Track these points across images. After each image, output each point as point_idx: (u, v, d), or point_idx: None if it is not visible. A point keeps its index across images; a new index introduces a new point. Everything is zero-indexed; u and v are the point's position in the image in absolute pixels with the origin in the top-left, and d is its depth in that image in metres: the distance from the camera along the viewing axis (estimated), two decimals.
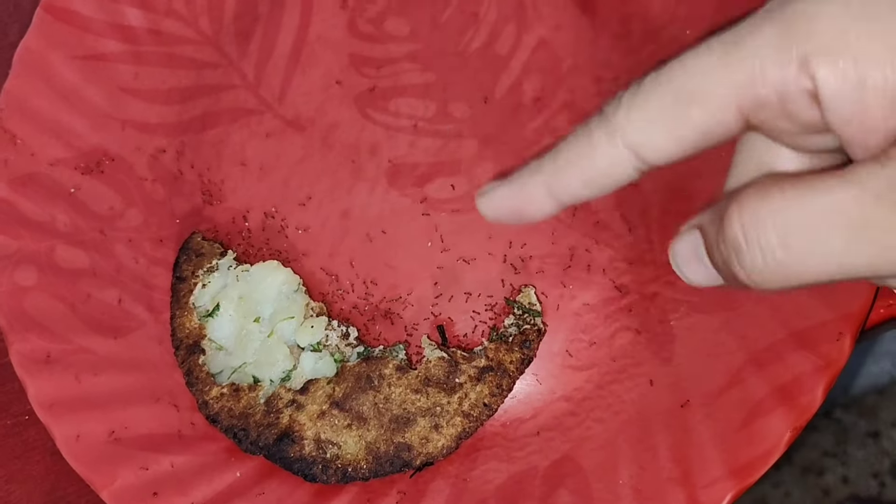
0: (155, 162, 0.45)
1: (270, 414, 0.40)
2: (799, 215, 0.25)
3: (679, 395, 0.39)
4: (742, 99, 0.26)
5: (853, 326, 0.37)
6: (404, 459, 0.39)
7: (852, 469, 1.08)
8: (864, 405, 1.08)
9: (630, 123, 0.27)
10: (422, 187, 0.43)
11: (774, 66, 0.25)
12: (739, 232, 0.26)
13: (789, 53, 0.25)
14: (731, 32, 0.26)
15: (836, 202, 0.25)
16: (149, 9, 0.46)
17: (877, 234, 0.24)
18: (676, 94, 0.27)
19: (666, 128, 0.27)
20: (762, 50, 0.25)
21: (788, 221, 0.25)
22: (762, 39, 0.25)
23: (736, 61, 0.26)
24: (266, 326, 0.41)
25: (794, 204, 0.25)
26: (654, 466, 0.37)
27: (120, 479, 0.39)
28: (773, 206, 0.26)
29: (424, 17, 0.45)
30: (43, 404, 0.40)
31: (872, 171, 0.25)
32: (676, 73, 0.27)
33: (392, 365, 0.40)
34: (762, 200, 0.26)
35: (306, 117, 0.45)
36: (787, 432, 0.36)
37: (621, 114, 0.28)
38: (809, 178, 0.26)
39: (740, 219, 0.26)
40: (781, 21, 0.25)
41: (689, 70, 0.26)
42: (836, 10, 0.25)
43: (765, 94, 0.26)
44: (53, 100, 0.45)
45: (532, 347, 0.40)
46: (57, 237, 0.43)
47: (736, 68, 0.26)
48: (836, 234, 0.25)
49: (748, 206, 0.26)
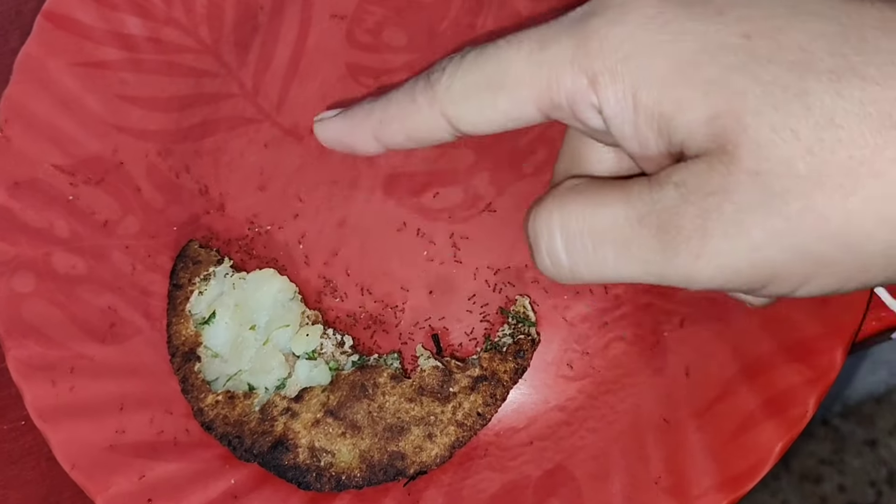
0: (153, 169, 0.45)
1: (265, 422, 0.40)
2: (581, 227, 0.28)
3: (672, 406, 0.39)
4: (540, 99, 0.29)
5: (844, 339, 0.37)
6: (398, 468, 0.39)
7: (849, 477, 1.08)
8: (862, 414, 1.09)
9: (448, 96, 0.30)
10: (418, 197, 0.44)
11: (567, 76, 0.28)
12: (532, 234, 0.30)
13: (581, 68, 0.27)
14: (540, 33, 0.29)
15: (611, 218, 0.28)
16: (148, 17, 0.47)
17: (638, 252, 0.27)
18: (489, 80, 0.29)
19: (477, 107, 0.30)
20: (559, 59, 0.28)
21: (571, 231, 0.28)
22: (561, 50, 0.28)
23: (537, 64, 0.28)
24: (262, 334, 0.42)
25: (579, 215, 0.28)
26: (646, 476, 0.37)
27: (115, 486, 0.39)
28: (563, 215, 0.29)
29: (422, 27, 0.46)
30: (39, 410, 0.40)
31: (641, 194, 0.27)
32: (491, 59, 0.29)
33: (386, 374, 0.40)
34: (556, 209, 0.29)
35: (304, 126, 0.45)
36: (779, 444, 0.36)
37: (442, 85, 0.30)
38: (599, 190, 0.28)
39: (534, 222, 0.30)
40: (579, 35, 0.27)
41: (501, 60, 0.29)
42: (623, 36, 0.27)
43: (558, 100, 0.28)
44: (53, 106, 0.45)
45: (526, 357, 0.40)
46: (55, 244, 0.43)
47: (536, 71, 0.28)
48: (609, 248, 0.28)
49: (543, 211, 0.29)
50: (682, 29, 0.26)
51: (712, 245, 0.25)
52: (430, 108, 0.31)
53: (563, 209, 0.29)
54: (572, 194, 0.29)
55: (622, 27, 0.27)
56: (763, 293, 0.27)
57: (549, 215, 0.29)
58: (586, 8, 0.28)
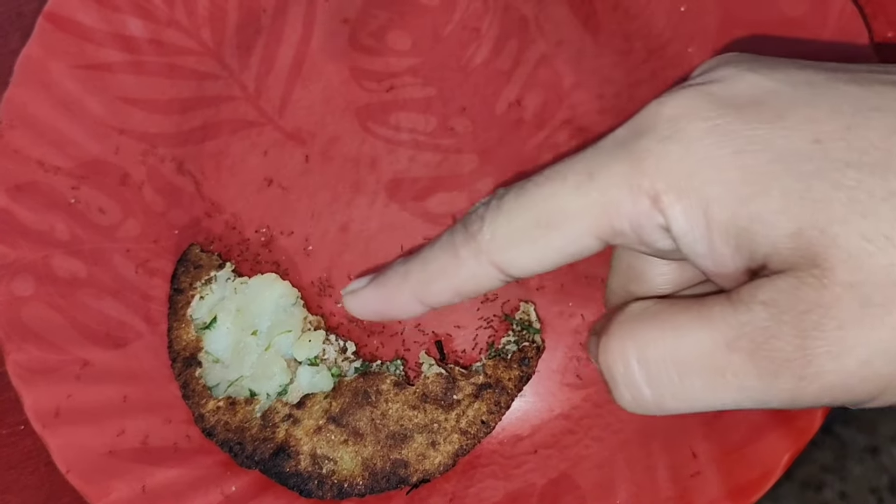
0: (154, 172, 0.45)
1: (267, 428, 0.40)
2: (662, 356, 0.26)
3: (678, 416, 0.38)
4: (598, 228, 0.27)
5: None
6: (401, 476, 0.39)
7: (851, 485, 1.08)
8: (864, 420, 1.08)
9: (494, 244, 0.28)
10: (422, 201, 0.43)
11: (627, 200, 0.26)
12: (605, 367, 0.28)
13: (640, 189, 0.26)
14: (582, 163, 0.27)
15: (695, 345, 0.25)
16: (150, 19, 0.46)
17: (733, 379, 0.25)
18: (536, 221, 0.28)
19: (528, 250, 0.28)
20: (614, 185, 0.26)
21: (651, 362, 0.26)
22: (613, 176, 0.26)
23: (589, 195, 0.27)
24: (263, 340, 0.41)
25: (658, 344, 0.26)
26: (652, 486, 0.37)
27: (115, 492, 0.39)
28: (639, 344, 0.27)
29: (426, 31, 0.45)
30: (39, 415, 0.40)
31: (724, 315, 0.25)
32: (535, 198, 0.28)
33: (389, 380, 0.40)
34: (629, 338, 0.27)
35: (307, 130, 0.45)
36: (786, 454, 0.36)
37: (485, 234, 0.29)
38: (674, 313, 0.26)
39: (606, 355, 0.27)
40: (631, 158, 0.26)
41: (546, 197, 0.27)
42: (681, 152, 0.25)
43: (619, 226, 0.27)
44: (54, 108, 0.45)
45: (531, 365, 0.40)
46: (55, 247, 0.43)
47: (590, 201, 0.27)
48: (696, 376, 0.25)
49: (613, 344, 0.27)
50: (744, 139, 0.25)
51: (817, 365, 0.24)
52: (476, 260, 0.29)
53: (638, 338, 0.27)
54: (644, 320, 0.27)
55: (678, 144, 0.25)
56: (873, 405, 0.25)
57: (622, 346, 0.27)
58: (630, 128, 0.27)
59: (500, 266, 0.29)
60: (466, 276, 0.29)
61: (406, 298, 0.31)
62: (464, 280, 0.30)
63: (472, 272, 0.29)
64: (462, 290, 0.30)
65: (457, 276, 0.30)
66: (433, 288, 0.30)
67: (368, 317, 0.33)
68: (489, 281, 0.29)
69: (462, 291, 0.30)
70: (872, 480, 1.12)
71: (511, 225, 0.28)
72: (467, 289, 0.30)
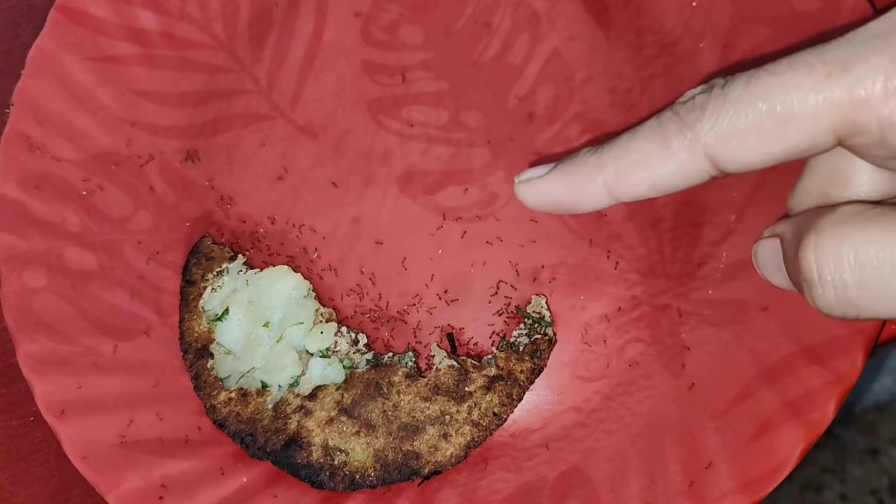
0: (166, 165, 0.45)
1: (278, 419, 0.40)
2: (880, 257, 0.25)
3: (690, 408, 0.38)
4: (841, 125, 0.26)
5: (865, 342, 0.37)
6: (412, 468, 0.39)
7: (851, 486, 1.08)
8: (864, 422, 1.08)
9: (715, 135, 0.27)
10: (433, 195, 0.43)
11: (880, 96, 0.25)
12: (814, 265, 0.26)
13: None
14: (833, 53, 0.26)
15: None
16: (162, 12, 0.46)
17: None
18: (771, 112, 0.26)
19: (755, 143, 0.27)
20: (868, 79, 0.25)
21: (867, 263, 0.25)
22: (871, 69, 0.25)
23: (840, 87, 0.25)
24: (275, 331, 0.41)
25: (879, 246, 0.25)
26: (664, 479, 0.37)
27: (126, 483, 0.39)
28: (853, 244, 0.26)
29: (438, 25, 0.45)
30: (50, 406, 0.40)
31: None
32: (772, 87, 0.26)
33: (401, 372, 0.40)
34: (842, 237, 0.26)
35: (319, 123, 0.45)
36: (799, 446, 0.36)
37: (706, 124, 0.27)
38: (893, 216, 0.25)
39: (816, 252, 0.26)
40: (893, 53, 0.25)
41: (787, 87, 0.26)
42: None
43: (865, 123, 0.26)
44: (65, 101, 0.45)
45: (543, 357, 0.40)
46: (66, 238, 0.43)
47: (840, 94, 0.25)
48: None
49: (825, 241, 0.26)
50: None
51: None
52: (690, 150, 0.28)
53: (855, 238, 0.26)
54: (862, 222, 0.26)
55: None
56: None
57: (837, 244, 0.26)
58: (890, 23, 0.26)
59: (718, 159, 0.27)
60: (673, 168, 0.28)
61: (596, 189, 0.30)
62: (669, 172, 0.28)
63: (681, 164, 0.28)
64: (663, 183, 0.29)
65: (662, 167, 0.28)
66: (631, 178, 0.29)
67: (546, 207, 0.32)
68: (698, 175, 0.28)
69: (662, 185, 0.29)
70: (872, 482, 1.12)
71: (739, 116, 0.27)
72: (670, 182, 0.29)
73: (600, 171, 0.30)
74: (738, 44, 0.42)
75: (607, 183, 0.30)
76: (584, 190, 0.30)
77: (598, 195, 0.30)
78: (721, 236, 0.41)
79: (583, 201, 0.31)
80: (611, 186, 0.30)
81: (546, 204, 0.32)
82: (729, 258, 0.40)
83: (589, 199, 0.31)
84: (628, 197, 0.30)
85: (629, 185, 0.29)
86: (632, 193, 0.30)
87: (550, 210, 0.32)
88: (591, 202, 0.31)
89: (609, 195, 0.30)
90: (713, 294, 0.40)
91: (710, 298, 0.40)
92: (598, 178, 0.30)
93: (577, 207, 0.31)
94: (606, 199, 0.30)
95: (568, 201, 0.31)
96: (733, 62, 0.42)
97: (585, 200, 0.31)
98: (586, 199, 0.31)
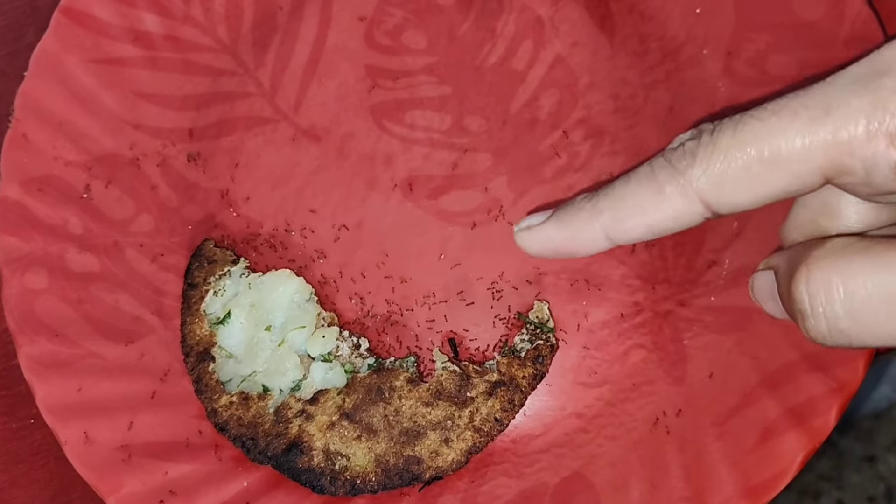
0: (168, 168, 0.45)
1: (280, 424, 0.40)
2: (870, 291, 0.26)
3: (692, 415, 0.38)
4: (828, 166, 0.27)
5: (867, 350, 0.37)
6: (414, 473, 0.39)
7: (848, 493, 1.08)
8: (861, 429, 1.08)
9: (707, 181, 0.28)
10: (436, 200, 0.43)
11: (864, 138, 0.26)
12: (806, 297, 0.27)
13: (879, 129, 0.26)
14: (814, 98, 0.27)
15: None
16: (166, 15, 0.46)
17: None
18: (759, 157, 0.27)
19: (745, 187, 0.28)
20: (851, 122, 0.26)
21: (856, 294, 0.26)
22: (853, 112, 0.26)
23: (823, 130, 0.26)
24: (277, 335, 0.41)
25: (867, 279, 0.26)
26: (666, 485, 0.37)
27: (126, 486, 0.39)
28: (846, 277, 0.26)
29: (442, 30, 0.46)
30: (50, 408, 0.40)
31: None
32: (759, 133, 0.27)
33: (403, 377, 0.40)
34: (831, 270, 0.27)
35: (322, 127, 0.45)
36: (801, 453, 0.36)
37: (697, 170, 0.28)
38: (879, 249, 0.26)
39: (807, 285, 0.27)
40: (873, 96, 0.26)
41: (773, 132, 0.27)
42: None
43: (851, 165, 0.26)
44: (69, 103, 0.45)
45: (545, 363, 0.40)
46: (68, 241, 0.43)
47: (824, 138, 0.26)
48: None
49: (816, 274, 0.27)
50: None
51: None
52: (683, 195, 0.29)
53: (844, 270, 0.27)
54: (851, 255, 0.27)
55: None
56: None
57: (827, 276, 0.27)
58: (869, 66, 0.27)
59: (710, 203, 0.28)
60: (668, 213, 0.29)
61: (594, 235, 0.31)
62: (664, 217, 0.29)
63: (675, 209, 0.29)
64: (658, 227, 0.30)
65: (657, 212, 0.29)
66: (627, 224, 0.30)
67: (546, 253, 0.33)
68: (691, 218, 0.29)
69: (658, 228, 0.30)
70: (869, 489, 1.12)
71: (728, 161, 0.28)
72: (664, 226, 0.30)
73: (597, 217, 0.31)
74: (741, 51, 0.42)
75: (605, 228, 0.31)
76: (582, 236, 0.32)
77: (596, 240, 0.31)
78: (724, 243, 0.41)
79: (582, 247, 0.32)
80: (608, 232, 0.31)
81: (546, 251, 0.33)
82: (731, 265, 0.40)
83: (587, 245, 0.32)
84: (625, 241, 0.31)
85: (625, 230, 0.31)
86: (629, 237, 0.31)
87: (551, 256, 0.33)
88: (590, 247, 0.32)
89: (607, 240, 0.31)
90: (715, 301, 0.40)
91: (713, 305, 0.40)
92: (595, 224, 0.31)
93: (577, 252, 0.32)
94: (604, 244, 0.31)
95: (567, 247, 0.32)
96: (736, 69, 0.42)
97: (584, 246, 0.32)
98: (585, 245, 0.32)
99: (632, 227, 0.30)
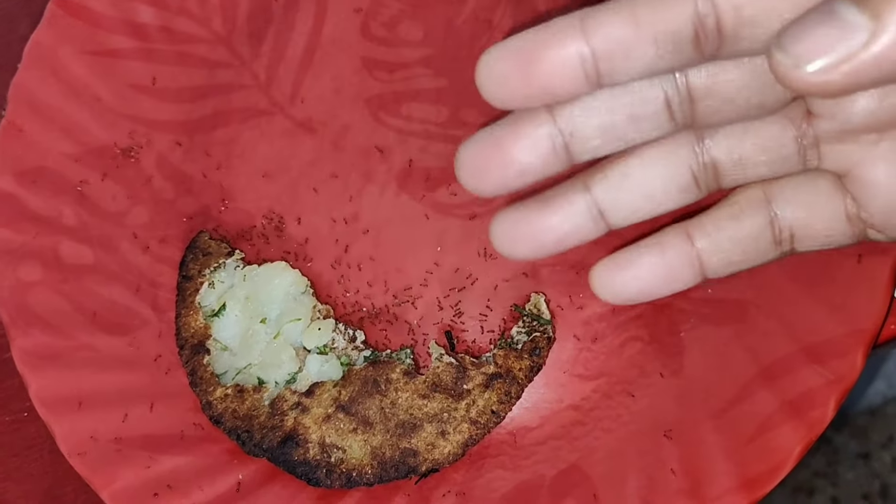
0: (163, 160, 0.45)
1: (275, 416, 0.39)
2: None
3: (688, 407, 0.38)
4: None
5: (865, 342, 0.37)
6: (410, 465, 0.39)
7: (842, 490, 1.08)
8: (856, 426, 1.08)
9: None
10: (432, 192, 0.43)
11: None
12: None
13: None
14: None
15: None
16: (161, 7, 0.46)
17: None
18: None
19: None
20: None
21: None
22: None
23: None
24: (272, 328, 0.41)
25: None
26: (663, 478, 0.37)
27: (120, 480, 0.38)
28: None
29: (438, 22, 0.45)
30: (44, 401, 0.39)
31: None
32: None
33: (399, 369, 0.40)
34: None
35: (317, 119, 0.45)
36: (798, 446, 0.36)
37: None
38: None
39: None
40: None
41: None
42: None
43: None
44: (62, 94, 0.44)
45: (542, 355, 0.40)
46: (62, 233, 0.43)
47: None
48: None
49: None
50: None
51: None
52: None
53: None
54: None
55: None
56: None
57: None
58: None
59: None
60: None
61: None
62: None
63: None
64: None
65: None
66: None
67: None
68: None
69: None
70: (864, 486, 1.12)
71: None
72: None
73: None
74: None
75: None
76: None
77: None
78: None
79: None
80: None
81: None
82: None
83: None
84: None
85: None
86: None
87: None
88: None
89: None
90: (712, 293, 0.40)
91: (710, 297, 0.40)
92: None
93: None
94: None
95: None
96: None
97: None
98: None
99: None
